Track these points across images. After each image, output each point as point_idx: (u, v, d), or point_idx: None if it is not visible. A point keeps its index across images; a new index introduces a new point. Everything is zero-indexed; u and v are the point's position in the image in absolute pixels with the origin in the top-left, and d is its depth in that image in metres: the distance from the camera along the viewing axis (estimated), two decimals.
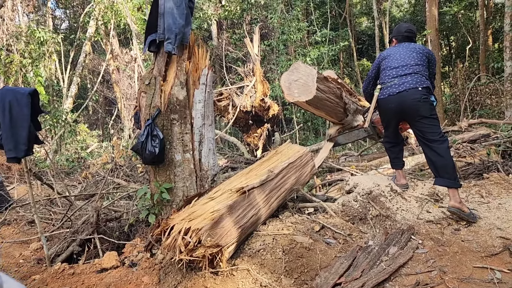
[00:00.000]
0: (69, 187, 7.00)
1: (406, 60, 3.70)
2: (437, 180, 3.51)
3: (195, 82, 3.89)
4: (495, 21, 19.86)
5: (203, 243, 2.75)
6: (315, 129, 14.74)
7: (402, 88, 3.56)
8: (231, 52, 14.19)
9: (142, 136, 3.57)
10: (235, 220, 3.07)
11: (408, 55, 3.74)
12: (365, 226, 3.54)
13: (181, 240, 2.78)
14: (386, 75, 3.74)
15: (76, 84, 15.22)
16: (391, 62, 3.77)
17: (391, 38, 4.13)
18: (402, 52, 3.78)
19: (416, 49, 3.79)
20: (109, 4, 14.12)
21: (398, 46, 3.89)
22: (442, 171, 3.44)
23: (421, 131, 3.56)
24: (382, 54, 3.96)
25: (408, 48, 3.80)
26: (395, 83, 3.62)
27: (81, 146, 13.28)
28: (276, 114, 6.77)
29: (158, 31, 3.60)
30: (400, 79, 3.62)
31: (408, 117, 3.62)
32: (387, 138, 4.03)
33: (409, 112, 3.57)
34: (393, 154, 4.02)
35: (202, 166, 3.93)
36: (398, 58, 3.75)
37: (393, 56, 3.80)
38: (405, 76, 3.62)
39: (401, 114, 3.65)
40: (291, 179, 3.76)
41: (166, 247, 2.84)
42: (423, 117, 3.52)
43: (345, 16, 18.38)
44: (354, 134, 5.10)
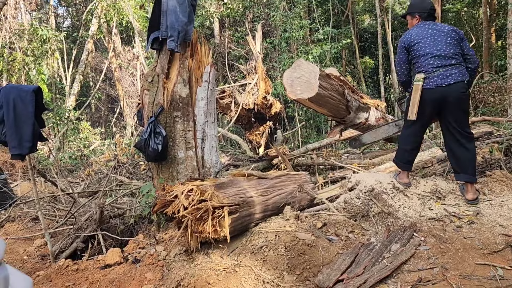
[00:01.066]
0: (72, 184, 7.03)
1: (446, 49, 3.52)
2: (459, 175, 3.61)
3: (197, 79, 3.90)
4: (499, 19, 19.77)
5: (206, 198, 2.95)
6: (317, 127, 14.73)
7: (451, 81, 3.44)
8: (233, 50, 14.19)
9: (145, 134, 3.59)
10: (236, 192, 3.23)
11: (444, 41, 3.54)
12: (367, 223, 3.55)
13: (184, 197, 2.90)
14: (428, 63, 3.53)
15: (79, 82, 15.25)
16: (428, 49, 3.55)
17: (412, 13, 3.83)
18: (436, 36, 3.58)
19: (449, 33, 3.59)
20: (112, 2, 14.13)
21: (425, 27, 3.66)
22: (466, 167, 3.53)
23: (457, 125, 3.52)
24: (409, 37, 3.68)
25: (441, 32, 3.59)
26: (441, 73, 3.47)
27: (83, 144, 13.31)
28: (279, 112, 6.78)
29: (161, 28, 3.62)
30: (445, 70, 3.47)
31: (448, 110, 3.52)
32: (411, 138, 3.80)
33: (452, 105, 3.49)
34: (409, 157, 3.85)
35: (204, 163, 3.95)
36: (435, 44, 3.55)
37: (427, 41, 3.58)
38: (450, 67, 3.47)
39: (443, 106, 3.52)
40: (290, 186, 3.84)
41: (169, 210, 3.01)
42: (463, 112, 3.54)
43: (347, 14, 18.34)
44: (382, 130, 4.62)
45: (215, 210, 3.00)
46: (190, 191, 3.06)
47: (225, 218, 2.98)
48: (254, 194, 3.39)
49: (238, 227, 3.20)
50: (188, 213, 2.94)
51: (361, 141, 4.86)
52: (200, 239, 3.10)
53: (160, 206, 3.12)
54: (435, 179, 4.07)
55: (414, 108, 3.54)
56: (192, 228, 3.01)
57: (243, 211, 3.22)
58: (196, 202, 2.98)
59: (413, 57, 3.67)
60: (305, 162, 6.96)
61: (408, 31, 3.76)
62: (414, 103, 3.54)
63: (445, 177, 4.14)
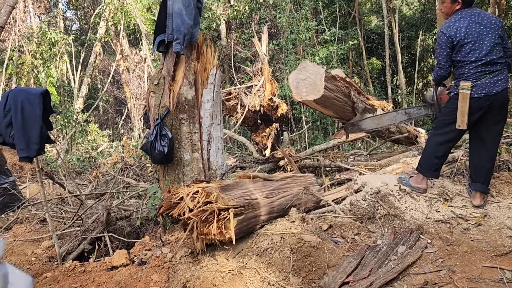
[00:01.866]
0: (80, 186, 7.08)
1: (493, 53, 3.32)
2: (474, 184, 3.58)
3: (203, 82, 3.92)
4: (507, 19, 19.60)
5: (212, 200, 2.98)
6: (324, 129, 14.69)
7: (499, 88, 3.32)
8: (240, 51, 14.21)
9: (151, 136, 3.61)
10: (242, 194, 3.25)
11: (492, 42, 3.32)
12: (373, 225, 3.54)
13: (190, 199, 2.92)
14: (476, 71, 3.35)
15: (87, 84, 15.36)
16: (477, 54, 3.33)
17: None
18: (484, 36, 3.33)
19: (495, 29, 3.35)
20: (119, 5, 14.23)
21: (472, 20, 3.37)
22: (484, 177, 3.52)
23: (495, 131, 3.47)
24: (457, 32, 3.36)
25: (488, 28, 3.34)
26: (489, 80, 3.33)
27: (91, 146, 13.40)
28: (285, 114, 6.78)
29: (166, 31, 3.64)
30: (492, 77, 3.33)
31: (490, 116, 3.42)
32: (446, 146, 3.61)
33: (496, 112, 3.40)
34: (438, 165, 3.67)
35: (210, 165, 3.96)
36: (483, 48, 3.32)
37: (476, 43, 3.33)
38: (496, 73, 3.33)
39: (489, 113, 3.40)
40: (296, 188, 3.83)
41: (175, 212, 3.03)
42: (504, 120, 3.49)
43: (354, 15, 18.28)
44: (388, 117, 4.26)
45: (220, 212, 3.01)
46: (196, 193, 3.08)
47: (230, 220, 2.99)
48: (260, 196, 3.40)
49: (243, 229, 3.20)
50: (194, 215, 2.95)
51: (359, 127, 4.43)
52: (206, 241, 3.11)
53: (165, 208, 3.14)
54: (442, 180, 4.04)
55: (464, 117, 3.37)
56: (197, 230, 3.02)
57: (249, 213, 3.22)
58: (202, 204, 3.00)
59: (458, 60, 3.43)
60: (312, 163, 6.95)
61: (453, 21, 3.42)
62: (464, 112, 3.37)
63: (452, 179, 4.11)
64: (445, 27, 3.45)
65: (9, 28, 13.80)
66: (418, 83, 21.04)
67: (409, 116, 4.20)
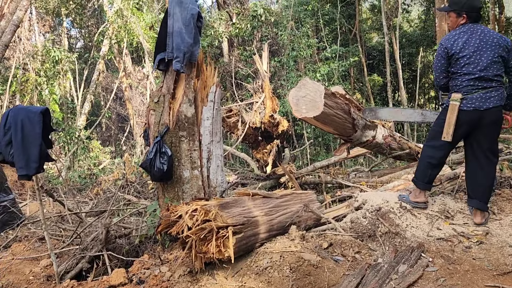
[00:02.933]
0: (80, 204, 7.07)
1: (489, 69, 3.32)
2: (471, 201, 3.55)
3: (203, 99, 3.94)
4: (507, 35, 19.73)
5: (210, 218, 2.94)
6: (326, 145, 14.69)
7: (489, 104, 3.31)
8: (242, 68, 14.33)
9: (150, 153, 3.62)
10: (241, 211, 3.21)
11: (490, 58, 3.32)
12: (374, 243, 3.50)
13: (188, 217, 2.89)
14: (468, 84, 3.36)
15: (90, 101, 15.47)
16: (471, 67, 3.34)
17: (459, 12, 3.44)
18: (482, 51, 3.32)
19: (496, 47, 3.34)
20: (123, 24, 14.43)
21: (473, 35, 3.37)
22: (481, 194, 3.47)
23: (486, 150, 3.46)
24: (454, 43, 3.39)
25: (488, 45, 3.33)
26: (480, 95, 3.33)
27: (93, 163, 13.42)
28: (286, 130, 6.79)
29: (167, 50, 3.68)
30: (485, 92, 3.33)
31: (481, 133, 3.42)
32: (438, 158, 3.62)
33: (487, 128, 3.40)
34: (432, 177, 3.68)
35: (210, 182, 3.95)
36: (478, 62, 3.32)
37: (472, 56, 3.33)
38: (490, 89, 3.33)
39: (476, 128, 3.42)
40: (296, 206, 3.81)
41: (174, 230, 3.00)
42: (495, 137, 3.48)
43: (355, 32, 18.45)
44: (404, 113, 4.30)
45: (219, 230, 2.99)
46: (195, 211, 3.06)
47: (229, 238, 2.96)
48: (259, 214, 3.37)
49: (242, 247, 3.17)
50: (192, 233, 2.93)
51: (376, 114, 4.55)
52: (205, 260, 3.08)
53: (164, 226, 3.12)
54: (443, 197, 4.02)
55: (450, 129, 3.39)
56: (196, 249, 3.00)
57: (248, 231, 3.20)
58: (200, 222, 2.97)
59: (453, 71, 3.45)
60: (313, 180, 6.92)
61: (453, 34, 3.45)
62: (450, 124, 3.39)
63: (453, 196, 4.07)
64: (444, 38, 3.50)
65: (14, 46, 13.99)
66: (420, 99, 21.11)
67: (423, 118, 4.22)
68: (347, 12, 18.53)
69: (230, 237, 2.95)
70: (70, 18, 20.74)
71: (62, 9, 18.66)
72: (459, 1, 3.44)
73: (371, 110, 4.64)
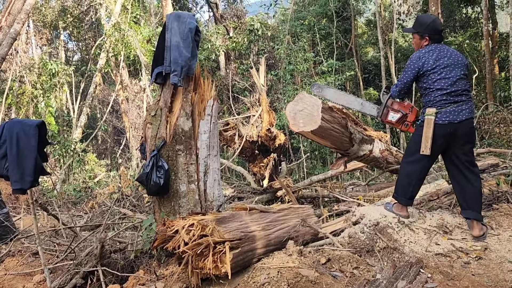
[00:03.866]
0: (75, 218, 6.99)
1: (459, 85, 3.51)
2: (466, 212, 3.57)
3: (200, 113, 3.93)
4: (501, 51, 19.98)
5: (207, 233, 2.89)
6: (322, 158, 14.69)
7: (462, 117, 3.47)
8: (238, 82, 14.39)
9: (147, 167, 3.58)
10: (238, 226, 3.17)
11: (458, 75, 3.52)
12: (372, 258, 3.46)
13: (185, 232, 2.85)
14: (441, 99, 3.50)
15: (86, 114, 15.45)
16: (443, 83, 3.50)
17: (422, 34, 3.66)
18: (451, 68, 3.52)
19: (463, 66, 3.57)
20: (120, 37, 14.49)
21: (441, 54, 3.56)
22: (473, 204, 3.51)
23: (464, 160, 3.56)
24: (425, 62, 3.56)
25: (456, 63, 3.55)
26: (453, 109, 3.48)
27: (89, 176, 13.33)
28: (283, 144, 6.78)
29: (164, 63, 3.68)
30: (457, 106, 3.49)
31: (457, 145, 3.55)
32: (418, 173, 3.70)
33: (462, 140, 3.53)
34: (413, 192, 3.75)
35: (207, 196, 3.92)
36: (448, 77, 3.50)
37: (443, 73, 3.51)
38: (461, 103, 3.50)
39: (452, 141, 3.54)
40: (293, 220, 3.78)
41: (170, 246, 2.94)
42: (471, 147, 3.60)
43: (351, 47, 18.63)
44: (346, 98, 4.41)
45: (216, 246, 2.95)
46: (191, 226, 3.02)
47: (226, 253, 2.92)
48: (256, 229, 3.34)
49: (239, 263, 3.13)
50: (189, 248, 2.89)
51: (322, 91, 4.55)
52: (201, 276, 3.03)
53: (160, 241, 3.08)
54: (441, 212, 4.00)
55: (428, 143, 3.48)
56: (192, 264, 2.95)
57: (245, 246, 3.16)
58: (197, 237, 2.93)
59: (425, 87, 3.61)
60: (310, 194, 6.90)
61: (423, 53, 3.62)
62: (428, 138, 3.48)
63: (451, 211, 4.06)
64: (415, 57, 3.66)
65: (11, 59, 14.00)
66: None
67: (361, 108, 4.34)
68: (343, 26, 18.74)
69: (227, 252, 2.92)
70: (67, 31, 20.83)
71: (59, 22, 18.76)
72: (421, 23, 3.68)
73: (319, 86, 4.67)
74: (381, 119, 4.03)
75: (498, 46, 19.90)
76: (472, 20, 20.97)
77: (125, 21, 14.62)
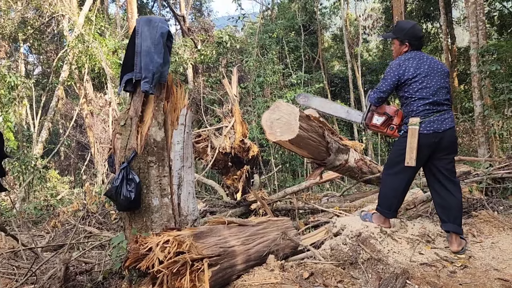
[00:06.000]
0: (36, 238, 6.55)
1: (440, 94, 3.45)
2: (446, 225, 3.47)
3: (173, 122, 3.72)
4: (459, 64, 20.85)
5: (184, 250, 2.70)
6: (293, 170, 14.66)
7: (446, 126, 3.41)
8: (207, 95, 14.21)
9: (116, 181, 3.33)
10: (216, 241, 3.00)
11: (439, 84, 3.46)
12: (356, 271, 3.34)
13: (159, 250, 2.64)
14: (424, 108, 3.42)
15: (47, 129, 14.80)
16: (425, 92, 3.42)
17: (402, 40, 3.59)
18: (432, 76, 3.45)
19: (443, 74, 3.52)
20: (84, 49, 14.04)
21: (421, 61, 3.50)
22: (455, 216, 3.42)
23: (447, 169, 3.49)
24: (405, 70, 3.47)
25: (436, 71, 3.48)
26: (437, 118, 3.41)
27: (51, 193, 12.70)
28: (256, 155, 6.64)
29: (134, 70, 3.46)
30: (440, 115, 3.42)
31: (441, 155, 3.47)
32: (403, 185, 3.58)
33: (446, 150, 3.46)
34: (398, 205, 3.65)
35: (181, 211, 3.69)
36: (429, 86, 3.43)
37: (424, 81, 3.44)
38: (443, 112, 3.44)
39: (436, 151, 3.45)
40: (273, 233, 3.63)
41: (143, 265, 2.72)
42: (454, 155, 3.54)
43: (318, 60, 18.89)
44: (332, 106, 4.43)
45: (193, 263, 2.74)
46: (166, 242, 2.80)
47: (205, 271, 2.72)
48: (236, 243, 3.15)
49: (219, 281, 2.93)
50: (164, 267, 2.67)
51: (308, 100, 4.54)
52: None
53: (132, 260, 2.83)
54: (422, 221, 3.95)
55: (412, 153, 3.35)
56: (168, 284, 2.72)
57: (224, 263, 2.96)
58: (173, 255, 2.71)
59: (406, 96, 3.51)
60: (284, 206, 6.76)
61: (402, 60, 3.54)
62: (412, 148, 3.35)
63: (431, 219, 4.02)
64: (395, 64, 3.56)
65: None
66: None
67: (347, 115, 4.28)
68: (310, 40, 19.01)
69: (205, 270, 2.72)
70: (27, 44, 20.06)
71: (19, 35, 18.03)
72: (401, 29, 3.60)
73: (305, 96, 4.63)
74: (365, 123, 3.92)
75: (457, 60, 20.75)
76: (432, 35, 21.82)
77: (89, 33, 14.20)
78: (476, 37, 10.86)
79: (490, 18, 17.22)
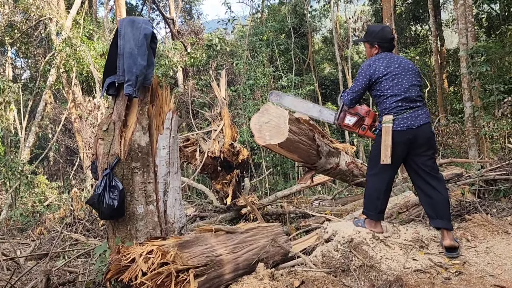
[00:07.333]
0: (20, 246, 6.37)
1: (412, 91, 3.45)
2: (435, 221, 3.42)
3: (158, 127, 3.60)
4: (449, 66, 20.96)
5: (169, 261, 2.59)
6: (284, 173, 14.57)
7: (420, 122, 3.38)
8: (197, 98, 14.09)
9: (99, 188, 3.20)
10: (203, 250, 2.89)
11: (411, 81, 3.48)
12: (348, 278, 3.23)
13: (143, 261, 2.53)
14: (396, 105, 3.41)
15: (35, 133, 14.55)
16: (396, 89, 3.43)
17: (371, 42, 3.66)
18: (403, 75, 3.48)
19: (414, 72, 3.55)
20: (71, 52, 13.84)
21: (391, 61, 3.53)
22: (442, 212, 3.36)
23: (427, 168, 3.44)
24: (376, 69, 3.50)
25: (406, 70, 3.51)
26: (410, 114, 3.38)
27: (39, 199, 12.46)
28: (246, 159, 6.52)
29: (117, 72, 3.33)
30: (413, 112, 3.40)
31: (419, 151, 3.43)
32: (384, 185, 3.52)
33: (423, 146, 3.42)
34: (383, 206, 3.58)
35: (167, 218, 3.56)
36: (402, 84, 3.45)
37: (395, 79, 3.46)
38: (416, 109, 3.42)
39: (413, 148, 3.42)
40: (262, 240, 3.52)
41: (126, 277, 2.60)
42: (433, 153, 3.49)
43: (308, 62, 18.86)
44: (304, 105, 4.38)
45: (179, 274, 2.62)
46: (150, 252, 2.68)
47: (190, 282, 2.60)
48: (223, 252, 3.04)
49: None
50: (148, 279, 2.54)
51: (280, 99, 4.49)
52: None
53: (114, 272, 2.70)
54: (415, 225, 3.86)
55: (387, 151, 3.32)
56: None
57: (211, 273, 2.85)
58: (157, 266, 2.59)
59: (379, 95, 3.53)
60: (275, 210, 6.66)
61: (373, 60, 3.59)
62: (387, 146, 3.33)
63: (424, 223, 3.93)
64: (365, 65, 3.61)
65: None
66: None
67: (320, 114, 4.26)
68: (301, 43, 18.99)
69: (191, 281, 2.60)
70: (15, 47, 19.76)
71: (6, 38, 17.74)
72: (370, 32, 3.70)
73: (277, 94, 4.58)
74: (338, 123, 3.92)
75: (447, 62, 20.86)
76: (421, 37, 21.93)
77: (77, 36, 14.00)
78: (466, 38, 10.89)
79: (479, 20, 17.32)
